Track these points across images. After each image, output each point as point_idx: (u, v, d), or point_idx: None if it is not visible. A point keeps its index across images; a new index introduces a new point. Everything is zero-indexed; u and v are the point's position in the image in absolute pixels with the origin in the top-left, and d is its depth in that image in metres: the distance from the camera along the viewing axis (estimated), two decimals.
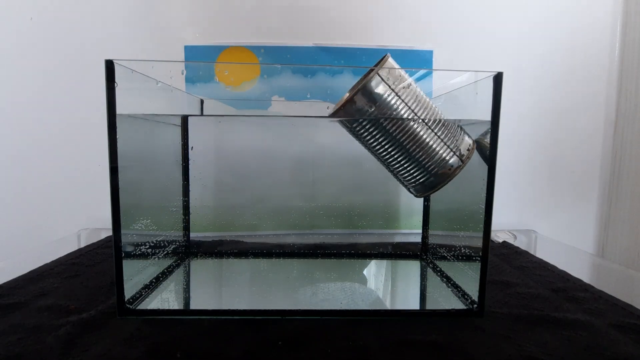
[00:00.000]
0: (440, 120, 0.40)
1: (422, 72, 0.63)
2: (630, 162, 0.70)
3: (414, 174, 0.42)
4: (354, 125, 0.42)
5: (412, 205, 0.62)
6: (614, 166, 0.73)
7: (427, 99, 0.41)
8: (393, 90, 0.39)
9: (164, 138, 0.51)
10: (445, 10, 0.70)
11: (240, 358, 0.31)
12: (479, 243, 0.38)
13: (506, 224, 0.74)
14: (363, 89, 0.39)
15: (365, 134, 0.41)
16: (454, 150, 0.40)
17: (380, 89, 0.39)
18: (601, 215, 0.76)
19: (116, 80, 0.34)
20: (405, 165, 0.42)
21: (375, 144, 0.42)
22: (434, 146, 0.40)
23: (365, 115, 0.40)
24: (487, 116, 0.36)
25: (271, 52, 0.68)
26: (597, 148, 0.75)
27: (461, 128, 0.42)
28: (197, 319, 0.37)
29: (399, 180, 0.44)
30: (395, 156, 0.41)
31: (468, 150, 0.41)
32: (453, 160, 0.41)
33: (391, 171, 0.44)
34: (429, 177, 0.42)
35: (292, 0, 0.68)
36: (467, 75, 0.43)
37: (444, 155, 0.40)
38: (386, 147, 0.41)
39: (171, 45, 0.67)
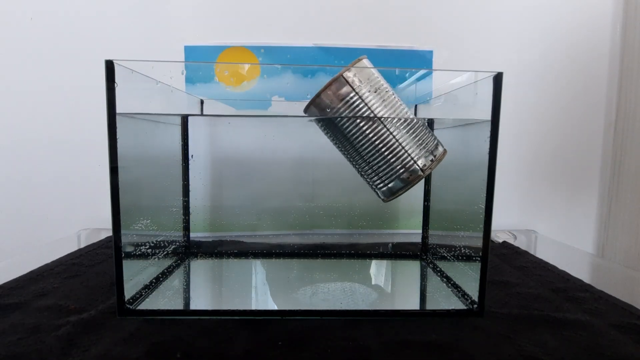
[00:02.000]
0: (407, 125, 0.41)
1: (422, 72, 0.63)
2: (630, 162, 0.70)
3: (377, 177, 0.42)
4: (320, 123, 0.43)
5: (412, 205, 0.62)
6: (614, 166, 0.73)
7: (399, 103, 0.41)
8: (357, 92, 0.39)
9: (164, 138, 0.51)
10: (445, 10, 0.70)
11: (240, 358, 0.31)
12: (479, 243, 0.38)
13: (506, 224, 0.74)
14: (326, 89, 0.40)
15: (335, 130, 0.42)
16: (415, 158, 0.41)
17: (344, 90, 0.39)
18: (601, 215, 0.76)
19: (116, 80, 0.34)
20: (371, 166, 0.42)
21: (344, 142, 0.42)
22: (396, 151, 0.40)
23: (330, 114, 0.41)
24: (487, 116, 0.36)
25: (271, 52, 0.68)
26: (597, 148, 0.75)
27: (433, 134, 0.43)
28: (197, 319, 0.37)
29: (367, 182, 0.45)
30: (362, 155, 0.42)
31: (432, 160, 0.41)
32: (414, 167, 0.41)
33: (359, 172, 0.44)
34: (388, 181, 0.42)
35: (292, 0, 0.68)
36: (467, 75, 0.43)
37: (405, 161, 0.41)
38: (354, 145, 0.42)
39: (171, 45, 0.67)
